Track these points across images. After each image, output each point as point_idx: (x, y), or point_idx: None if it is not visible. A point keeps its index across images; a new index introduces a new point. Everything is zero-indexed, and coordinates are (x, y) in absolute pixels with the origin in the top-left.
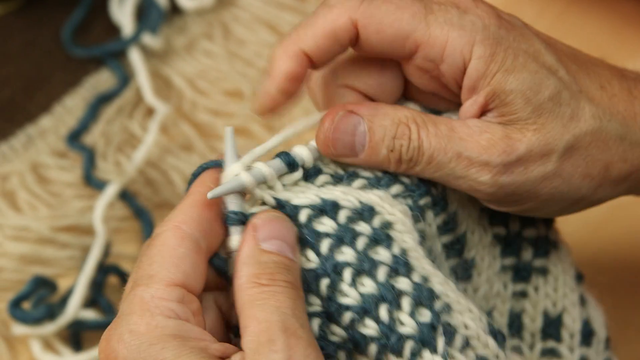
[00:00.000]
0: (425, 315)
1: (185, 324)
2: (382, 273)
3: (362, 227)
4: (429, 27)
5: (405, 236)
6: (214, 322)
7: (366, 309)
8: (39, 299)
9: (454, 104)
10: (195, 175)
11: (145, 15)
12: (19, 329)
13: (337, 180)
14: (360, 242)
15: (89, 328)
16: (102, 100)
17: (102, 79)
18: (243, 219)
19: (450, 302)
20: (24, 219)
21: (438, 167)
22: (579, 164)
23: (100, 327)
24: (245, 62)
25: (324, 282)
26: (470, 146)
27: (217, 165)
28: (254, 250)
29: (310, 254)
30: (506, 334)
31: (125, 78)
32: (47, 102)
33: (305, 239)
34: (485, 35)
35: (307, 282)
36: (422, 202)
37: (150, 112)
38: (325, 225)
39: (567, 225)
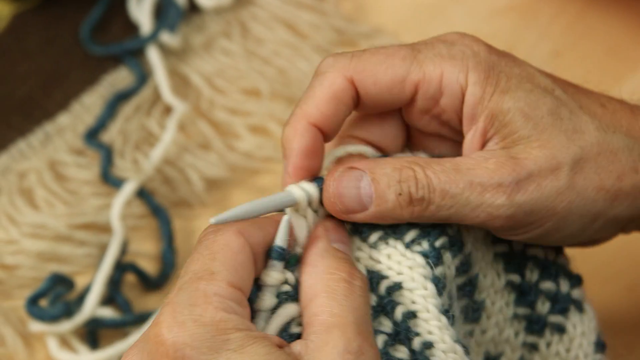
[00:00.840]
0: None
1: (245, 320)
2: (380, 342)
3: (369, 298)
4: (421, 66)
5: (415, 295)
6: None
7: None
8: (56, 296)
9: (458, 144)
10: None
11: (163, 14)
12: (35, 326)
13: (354, 231)
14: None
15: (106, 326)
16: (120, 98)
17: (120, 77)
18: (285, 256)
19: None
20: (42, 217)
21: (453, 200)
22: (591, 176)
23: (117, 325)
24: (263, 61)
25: None
26: (480, 173)
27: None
28: (329, 247)
29: None
30: None
31: (143, 76)
32: (65, 99)
33: None
34: (477, 61)
35: None
36: (438, 243)
37: (168, 110)
38: None
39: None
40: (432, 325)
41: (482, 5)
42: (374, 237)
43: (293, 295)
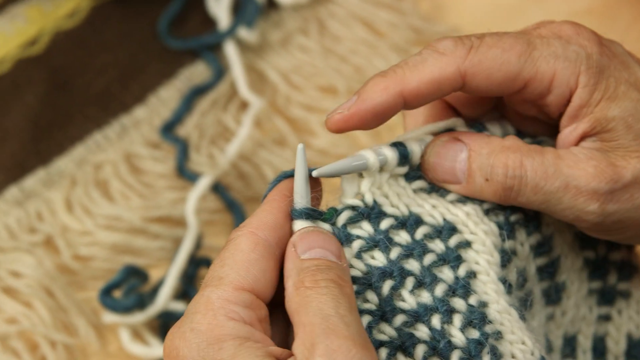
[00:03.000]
0: (474, 334)
1: (246, 326)
2: (440, 290)
3: (436, 245)
4: (535, 64)
5: (481, 257)
6: (283, 335)
7: (420, 315)
8: (130, 288)
9: (550, 127)
10: (273, 184)
11: (241, 9)
12: (108, 317)
13: (433, 189)
14: (428, 259)
15: (177, 319)
16: (197, 93)
17: (197, 71)
18: (309, 214)
19: (502, 331)
20: (117, 209)
21: (545, 197)
22: None
23: None
24: (340, 58)
25: (388, 283)
26: (578, 174)
27: (292, 175)
28: (295, 262)
29: (379, 255)
30: (590, 358)
31: (220, 71)
32: (142, 92)
33: (378, 242)
34: (590, 65)
35: (370, 279)
36: (513, 218)
37: (244, 105)
38: (401, 237)
39: None
40: (489, 287)
41: (561, 7)
42: (451, 196)
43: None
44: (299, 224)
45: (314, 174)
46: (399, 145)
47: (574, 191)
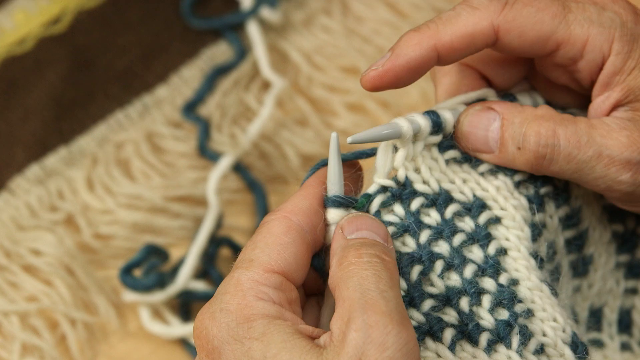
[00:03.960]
0: (503, 315)
1: (275, 306)
2: (469, 271)
3: (466, 223)
4: (569, 27)
5: (511, 233)
6: (314, 323)
7: (449, 298)
8: (150, 267)
9: (582, 97)
10: (312, 171)
11: None
12: (128, 296)
13: (465, 159)
14: (457, 239)
15: (199, 299)
16: (219, 72)
17: (219, 51)
18: (340, 202)
19: (533, 308)
20: (138, 188)
21: (577, 166)
22: None
23: (208, 298)
24: (363, 39)
25: (417, 268)
26: (611, 144)
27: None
28: (342, 241)
29: (409, 240)
30: (615, 330)
31: (243, 51)
32: (164, 72)
33: (408, 227)
34: (624, 32)
35: (401, 266)
36: (543, 190)
37: (266, 85)
38: (431, 217)
39: None
40: (520, 264)
41: None
42: (483, 167)
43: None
44: (332, 213)
45: (349, 140)
46: (431, 114)
47: (607, 160)
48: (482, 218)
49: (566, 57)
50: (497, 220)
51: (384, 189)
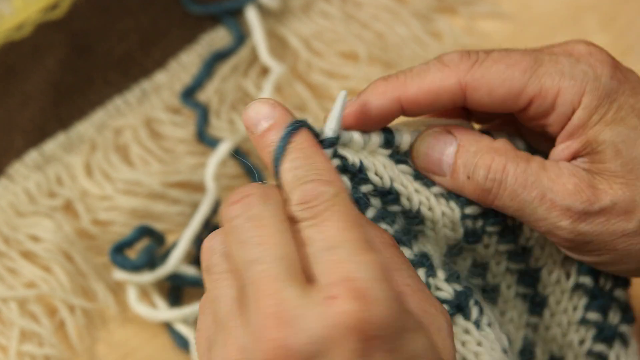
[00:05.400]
0: (459, 287)
1: None
2: (415, 247)
3: (398, 224)
4: (540, 80)
5: (431, 245)
6: None
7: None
8: (147, 250)
9: (548, 141)
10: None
11: None
12: (118, 275)
13: (418, 176)
14: (395, 228)
15: (188, 283)
16: (218, 58)
17: (218, 37)
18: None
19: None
20: (136, 173)
21: (520, 204)
22: None
23: (198, 284)
24: (362, 25)
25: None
26: (557, 188)
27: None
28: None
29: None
30: None
31: (241, 36)
32: (163, 57)
33: (355, 198)
34: (595, 86)
35: None
36: (490, 229)
37: (265, 71)
38: (377, 203)
39: None
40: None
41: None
42: (436, 189)
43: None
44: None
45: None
46: (387, 131)
47: (549, 204)
48: (417, 228)
49: (538, 111)
50: (423, 234)
51: (340, 158)
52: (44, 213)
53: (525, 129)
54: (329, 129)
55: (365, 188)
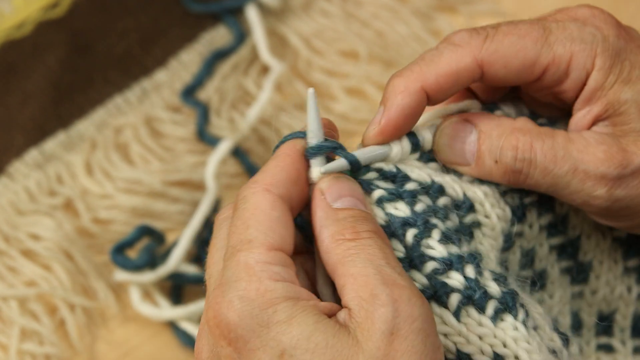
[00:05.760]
0: (507, 286)
1: (292, 285)
2: (466, 248)
3: (451, 220)
4: (552, 48)
5: (485, 241)
6: (305, 285)
7: (452, 262)
8: (147, 249)
9: (565, 113)
10: (282, 141)
11: None
12: (120, 275)
13: (447, 170)
14: (449, 224)
15: (189, 282)
16: (218, 57)
17: (218, 35)
18: (324, 150)
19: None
20: (136, 172)
21: (553, 180)
22: None
23: (200, 282)
24: (362, 23)
25: (411, 232)
26: (587, 159)
27: (303, 136)
28: (328, 212)
29: (402, 206)
30: (628, 335)
31: (242, 35)
32: (163, 56)
33: (402, 195)
34: (605, 47)
35: (393, 229)
36: (527, 200)
37: (265, 69)
38: (422, 202)
39: None
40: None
41: None
42: (467, 177)
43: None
44: (315, 165)
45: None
46: (410, 135)
47: (582, 175)
48: (468, 219)
49: (552, 79)
50: (478, 225)
51: (375, 170)
52: (44, 212)
53: (533, 101)
54: (312, 135)
55: (410, 186)
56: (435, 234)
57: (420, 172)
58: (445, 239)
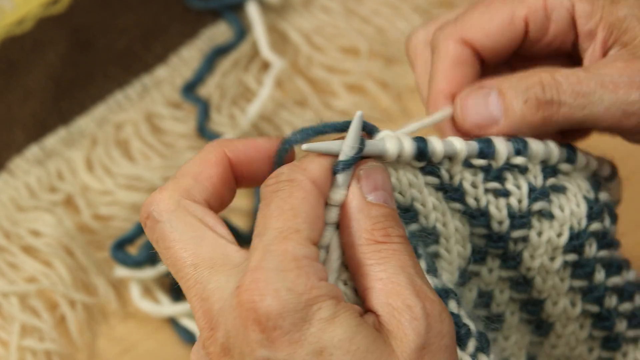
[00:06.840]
0: (477, 326)
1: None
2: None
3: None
4: (522, 1)
5: (443, 274)
6: None
7: (440, 296)
8: (147, 245)
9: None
10: (289, 140)
11: None
12: (120, 272)
13: (440, 188)
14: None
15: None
16: (218, 53)
17: (219, 32)
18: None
19: None
20: (137, 168)
21: (586, 99)
22: None
23: None
24: (362, 20)
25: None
26: (610, 71)
27: (312, 133)
28: (362, 204)
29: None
30: None
31: (242, 31)
32: (163, 52)
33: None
34: None
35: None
36: (493, 250)
37: (265, 66)
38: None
39: None
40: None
41: None
42: (455, 205)
43: None
44: (341, 180)
45: (304, 147)
46: (419, 141)
47: (612, 86)
48: (431, 249)
49: (538, 28)
50: (437, 255)
51: None
52: (44, 208)
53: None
54: (347, 149)
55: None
56: (422, 264)
57: (406, 192)
58: (429, 270)
